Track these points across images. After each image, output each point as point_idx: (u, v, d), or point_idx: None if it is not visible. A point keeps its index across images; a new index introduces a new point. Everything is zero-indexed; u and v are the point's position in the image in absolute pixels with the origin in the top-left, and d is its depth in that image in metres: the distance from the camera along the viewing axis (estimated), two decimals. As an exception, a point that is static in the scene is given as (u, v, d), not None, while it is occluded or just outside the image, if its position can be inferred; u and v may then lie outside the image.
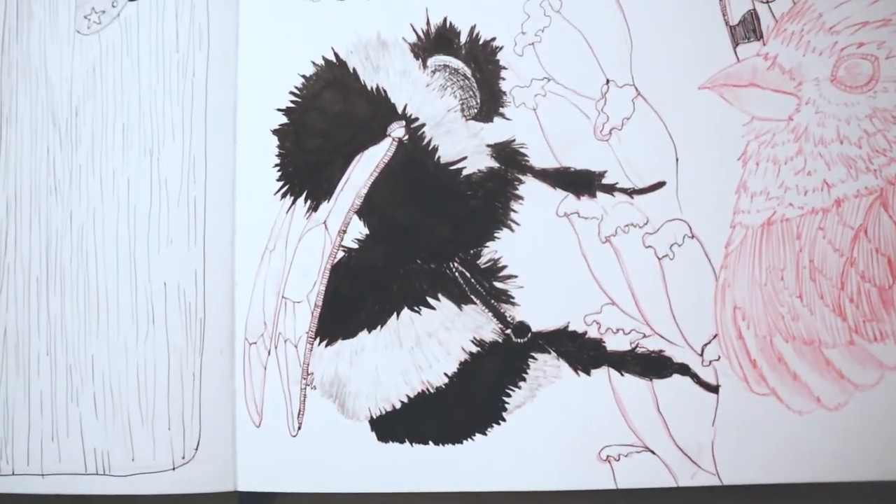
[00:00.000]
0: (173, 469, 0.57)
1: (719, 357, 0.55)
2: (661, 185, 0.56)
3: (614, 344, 0.55)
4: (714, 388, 0.55)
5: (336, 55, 0.58)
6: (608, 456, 0.55)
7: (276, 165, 0.57)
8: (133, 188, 0.59)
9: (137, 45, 0.59)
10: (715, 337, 0.55)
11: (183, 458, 0.57)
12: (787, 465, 0.54)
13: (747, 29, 0.56)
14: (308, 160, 0.57)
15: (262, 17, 0.58)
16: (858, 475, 0.53)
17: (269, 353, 0.57)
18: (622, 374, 0.55)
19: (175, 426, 0.57)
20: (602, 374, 0.55)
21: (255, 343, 0.57)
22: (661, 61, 0.56)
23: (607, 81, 0.56)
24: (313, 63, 0.58)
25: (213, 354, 0.57)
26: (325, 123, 0.58)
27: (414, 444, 0.56)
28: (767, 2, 0.56)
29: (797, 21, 0.55)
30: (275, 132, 0.58)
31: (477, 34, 0.57)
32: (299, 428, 0.56)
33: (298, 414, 0.56)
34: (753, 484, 0.54)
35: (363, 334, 0.57)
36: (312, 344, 0.57)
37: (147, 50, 0.59)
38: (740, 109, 0.55)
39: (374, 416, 0.56)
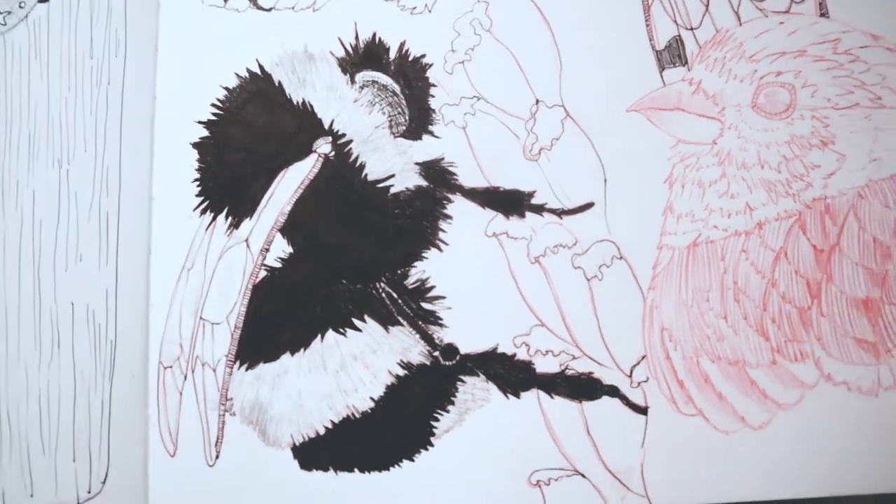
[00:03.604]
0: (78, 504, 0.55)
1: (648, 378, 0.55)
2: (589, 205, 0.56)
3: (544, 366, 0.55)
4: (643, 410, 0.55)
5: (261, 67, 0.57)
6: (538, 480, 0.54)
7: (196, 180, 0.56)
8: (39, 202, 0.57)
9: (48, 49, 0.57)
10: (643, 358, 0.55)
11: (89, 492, 0.55)
12: (715, 484, 0.54)
13: (673, 54, 0.57)
14: (230, 175, 0.56)
15: (184, 26, 0.57)
16: (783, 493, 0.54)
17: (185, 377, 0.55)
18: (552, 397, 0.55)
19: (81, 458, 0.55)
20: (532, 396, 0.55)
21: (171, 367, 0.55)
22: (589, 83, 0.57)
23: (537, 102, 0.57)
24: (237, 75, 0.57)
25: (125, 379, 0.56)
26: (249, 137, 0.56)
27: (339, 471, 0.55)
28: (692, 28, 0.57)
29: (720, 48, 0.57)
30: (195, 145, 0.56)
31: (406, 50, 0.57)
32: (217, 457, 0.54)
33: (216, 442, 0.55)
34: (683, 505, 0.54)
35: (286, 357, 0.55)
36: (232, 368, 0.55)
37: (58, 55, 0.57)
38: (666, 132, 0.56)
39: (297, 443, 0.55)
